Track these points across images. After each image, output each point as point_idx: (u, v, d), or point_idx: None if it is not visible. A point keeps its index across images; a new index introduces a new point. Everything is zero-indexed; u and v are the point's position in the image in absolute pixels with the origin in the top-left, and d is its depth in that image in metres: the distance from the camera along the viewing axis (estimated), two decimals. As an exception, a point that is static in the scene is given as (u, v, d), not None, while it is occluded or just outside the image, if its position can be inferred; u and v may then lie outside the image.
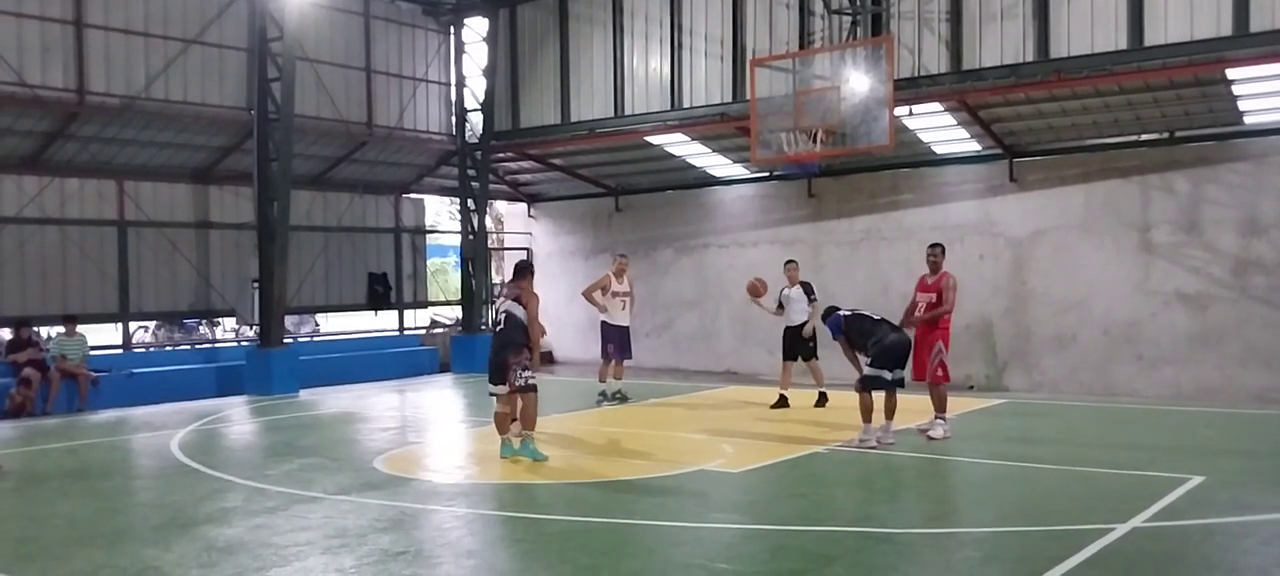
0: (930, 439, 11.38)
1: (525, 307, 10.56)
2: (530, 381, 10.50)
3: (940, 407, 11.61)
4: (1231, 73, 14.18)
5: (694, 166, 20.59)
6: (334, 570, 6.83)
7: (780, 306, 14.44)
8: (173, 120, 17.37)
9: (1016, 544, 7.42)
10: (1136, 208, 16.10)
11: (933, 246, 11.97)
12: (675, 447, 11.66)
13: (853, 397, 11.16)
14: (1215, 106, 15.24)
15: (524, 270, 10.97)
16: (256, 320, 18.11)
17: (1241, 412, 13.76)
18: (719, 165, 20.37)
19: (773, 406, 14.12)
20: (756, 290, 14.23)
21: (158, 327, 25.75)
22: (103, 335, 18.57)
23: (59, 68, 16.19)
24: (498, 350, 10.60)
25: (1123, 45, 14.55)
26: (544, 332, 13.52)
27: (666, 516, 8.27)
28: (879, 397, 10.99)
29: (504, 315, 10.59)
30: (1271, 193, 15.09)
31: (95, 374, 16.06)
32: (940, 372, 11.50)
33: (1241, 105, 15.03)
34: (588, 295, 15.19)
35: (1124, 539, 7.30)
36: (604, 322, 15.09)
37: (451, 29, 21.51)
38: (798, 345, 14.23)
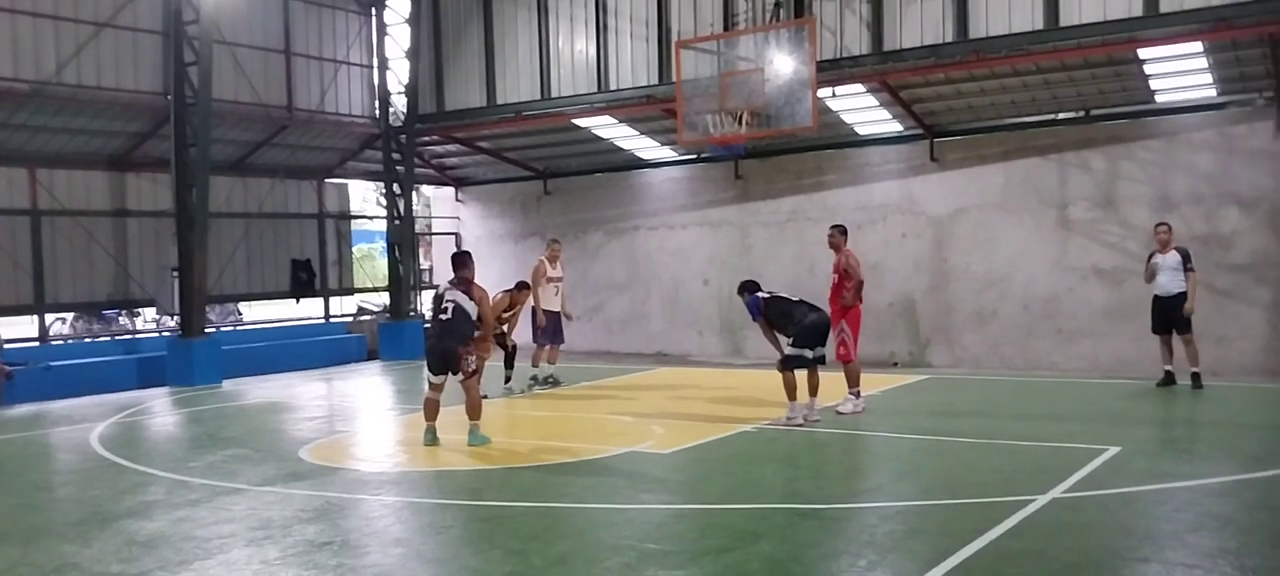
0: (839, 414, 11.68)
1: (475, 301, 10.57)
2: (474, 368, 10.60)
3: (852, 383, 11.92)
4: (1142, 52, 14.53)
5: (622, 149, 20.57)
6: (258, 561, 6.74)
7: (1152, 274, 13.48)
8: (86, 106, 16.88)
9: (939, 516, 7.57)
10: (1054, 185, 16.44)
11: (831, 228, 12.33)
12: (606, 430, 11.70)
13: (778, 376, 11.28)
14: (1128, 85, 15.61)
15: (464, 260, 10.90)
16: (177, 310, 17.72)
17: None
18: (646, 147, 20.38)
19: (1159, 385, 13.34)
20: None
21: (75, 319, 25.14)
22: (18, 328, 18.03)
23: (-38, 53, 15.67)
24: (441, 338, 10.58)
25: (1039, 25, 14.82)
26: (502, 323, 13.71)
27: (597, 498, 8.30)
28: (802, 376, 11.15)
29: (451, 305, 10.53)
30: (1181, 169, 15.51)
31: (10, 367, 15.57)
32: (842, 351, 11.82)
33: (1152, 84, 15.40)
34: (534, 291, 14.82)
35: (1044, 509, 7.49)
36: (536, 308, 14.98)
37: (373, 10, 21.15)
38: (1172, 317, 13.28)
